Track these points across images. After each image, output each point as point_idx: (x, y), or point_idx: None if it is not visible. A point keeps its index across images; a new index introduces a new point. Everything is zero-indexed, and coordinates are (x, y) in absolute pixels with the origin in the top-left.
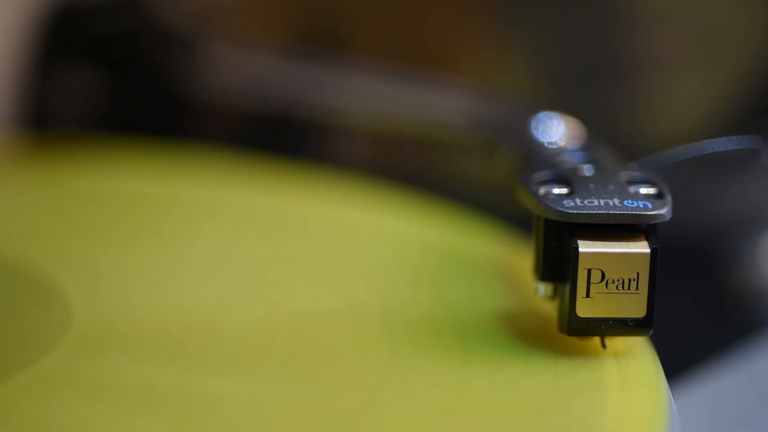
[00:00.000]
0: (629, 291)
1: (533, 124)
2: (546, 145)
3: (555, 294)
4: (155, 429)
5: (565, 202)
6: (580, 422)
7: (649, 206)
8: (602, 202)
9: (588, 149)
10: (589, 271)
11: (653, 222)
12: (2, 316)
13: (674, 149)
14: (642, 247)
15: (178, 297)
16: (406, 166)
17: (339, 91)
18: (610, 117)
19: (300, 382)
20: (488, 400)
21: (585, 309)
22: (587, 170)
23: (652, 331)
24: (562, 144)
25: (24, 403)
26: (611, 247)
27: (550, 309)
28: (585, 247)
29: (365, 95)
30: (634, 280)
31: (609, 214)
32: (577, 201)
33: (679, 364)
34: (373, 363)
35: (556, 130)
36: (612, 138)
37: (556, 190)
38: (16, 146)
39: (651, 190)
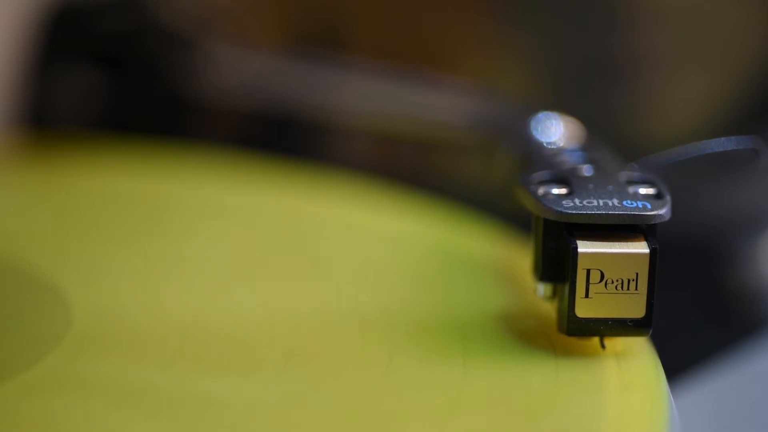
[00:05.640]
0: (628, 291)
1: (533, 124)
2: (545, 145)
3: (554, 294)
4: (155, 429)
5: (564, 202)
6: (580, 422)
7: (648, 206)
8: (601, 202)
9: (587, 149)
10: (588, 271)
11: (652, 222)
12: (2, 317)
13: (674, 149)
14: (641, 248)
15: (178, 297)
16: (406, 166)
17: (339, 92)
18: (610, 117)
19: (300, 382)
20: (488, 400)
21: (584, 309)
22: (586, 170)
23: (651, 332)
24: (562, 144)
25: (24, 403)
26: (610, 248)
27: (550, 309)
28: (584, 247)
29: (365, 95)
30: (633, 280)
31: (608, 214)
32: (576, 201)
33: (679, 364)
34: (373, 363)
35: (555, 131)
36: (612, 138)
37: (555, 191)
38: (16, 146)
39: (650, 191)
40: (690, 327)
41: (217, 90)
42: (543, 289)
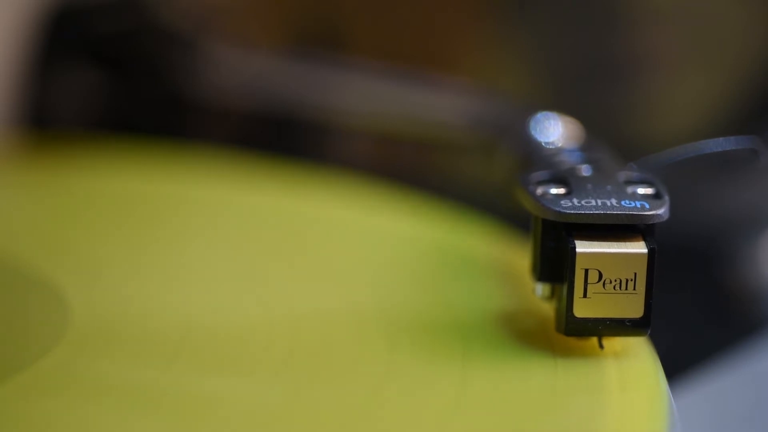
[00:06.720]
0: (627, 291)
1: (532, 124)
2: (544, 145)
3: (553, 294)
4: (155, 429)
5: (562, 202)
6: (580, 422)
7: (647, 206)
8: (600, 202)
9: (586, 149)
10: (587, 271)
11: (650, 222)
12: (2, 317)
13: (673, 149)
14: (639, 248)
15: (178, 297)
16: (406, 166)
17: (339, 92)
18: (609, 117)
19: (300, 382)
20: (488, 400)
21: (582, 309)
22: (585, 170)
23: (649, 331)
24: (561, 144)
25: (24, 403)
26: (608, 247)
27: (550, 309)
28: (582, 247)
29: (365, 95)
30: (631, 280)
31: (606, 214)
32: (575, 201)
33: (679, 364)
34: (373, 363)
35: (554, 131)
36: (612, 138)
37: (554, 191)
38: (16, 146)
39: (649, 191)
40: (690, 327)
41: (217, 90)
42: (541, 289)
